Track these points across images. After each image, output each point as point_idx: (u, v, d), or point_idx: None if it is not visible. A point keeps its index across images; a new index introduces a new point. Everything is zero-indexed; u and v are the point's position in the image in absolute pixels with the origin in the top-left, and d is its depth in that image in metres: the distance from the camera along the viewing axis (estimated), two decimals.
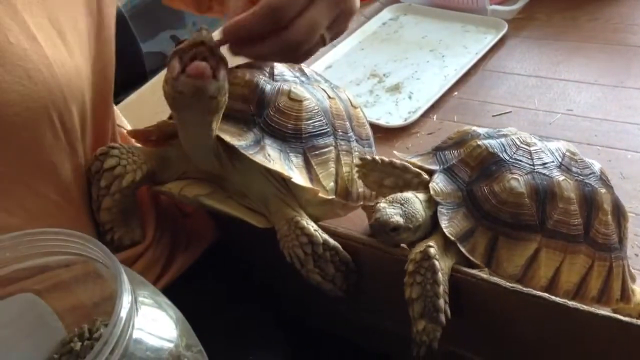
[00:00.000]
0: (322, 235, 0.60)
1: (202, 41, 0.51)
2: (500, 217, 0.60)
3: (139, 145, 0.68)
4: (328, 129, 0.66)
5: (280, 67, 0.68)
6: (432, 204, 0.62)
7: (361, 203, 0.68)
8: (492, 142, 0.64)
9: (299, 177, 0.61)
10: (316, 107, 0.66)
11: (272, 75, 0.66)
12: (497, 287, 0.55)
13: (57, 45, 0.58)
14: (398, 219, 0.59)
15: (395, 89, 1.18)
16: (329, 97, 0.68)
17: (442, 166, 0.64)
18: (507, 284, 0.56)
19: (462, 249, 0.59)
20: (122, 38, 1.18)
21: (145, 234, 0.68)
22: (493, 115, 1.07)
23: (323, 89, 0.69)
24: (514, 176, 0.60)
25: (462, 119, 1.08)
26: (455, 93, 1.13)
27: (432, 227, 0.63)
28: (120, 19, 1.11)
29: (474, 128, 0.69)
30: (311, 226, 0.60)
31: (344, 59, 1.28)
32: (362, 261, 0.63)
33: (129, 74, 1.10)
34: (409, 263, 0.57)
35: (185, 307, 0.48)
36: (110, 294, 0.52)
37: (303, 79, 0.69)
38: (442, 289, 0.55)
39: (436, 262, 0.56)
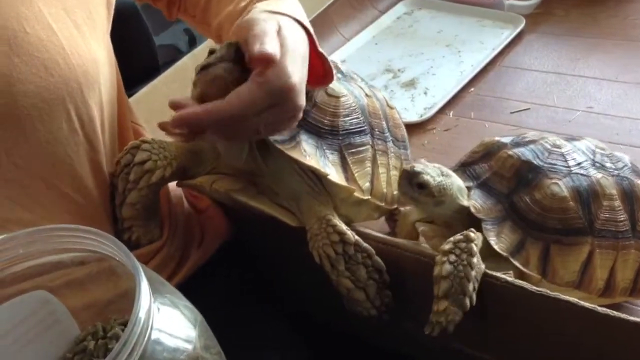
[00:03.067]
0: (354, 235, 0.59)
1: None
2: (548, 224, 0.58)
3: (168, 139, 0.67)
4: (365, 127, 0.64)
5: None
6: (464, 207, 0.61)
7: (395, 206, 0.67)
8: (523, 150, 0.63)
9: (335, 175, 0.60)
10: (354, 104, 0.64)
11: None
12: (523, 291, 0.54)
13: (74, 36, 0.56)
14: (430, 178, 0.58)
15: (411, 84, 1.16)
16: (366, 94, 0.67)
17: (475, 181, 0.63)
18: (533, 287, 0.54)
19: (516, 263, 0.57)
20: (135, 30, 1.17)
21: (162, 232, 0.67)
22: (511, 112, 1.05)
23: (360, 87, 0.67)
24: (553, 181, 0.59)
25: (478, 115, 1.06)
26: (472, 89, 1.11)
27: (459, 225, 0.61)
28: (133, 12, 1.10)
29: (498, 138, 0.67)
30: (343, 225, 0.59)
31: (357, 54, 1.26)
32: (401, 268, 0.61)
33: (141, 66, 1.09)
34: (446, 243, 0.56)
35: (197, 304, 0.47)
36: (125, 291, 0.50)
37: (339, 75, 0.67)
38: (474, 274, 0.54)
39: (474, 246, 0.55)
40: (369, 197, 0.62)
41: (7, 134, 0.53)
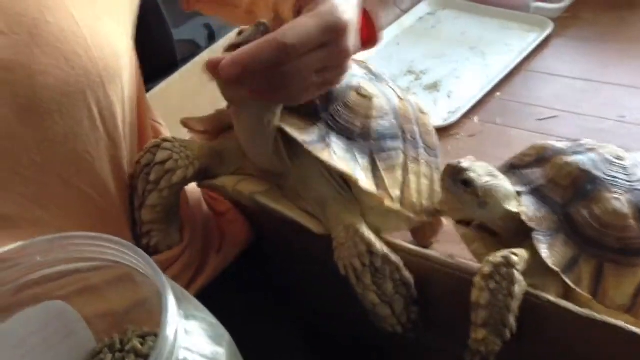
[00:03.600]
0: (383, 247, 0.55)
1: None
2: (605, 242, 0.54)
3: (190, 138, 0.64)
4: (397, 132, 0.60)
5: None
6: (516, 204, 0.57)
7: (424, 217, 0.63)
8: (582, 158, 0.58)
9: (365, 181, 0.56)
10: (386, 107, 0.60)
11: None
12: (568, 313, 0.50)
13: (96, 27, 0.53)
14: (476, 177, 0.54)
15: (434, 87, 1.12)
16: (399, 97, 0.63)
17: (526, 187, 0.59)
18: (579, 309, 0.51)
19: (568, 281, 0.53)
20: (153, 24, 1.14)
21: (182, 236, 0.63)
22: (538, 119, 1.01)
23: (392, 89, 0.64)
24: (615, 196, 0.55)
25: (505, 121, 1.03)
26: (498, 94, 1.08)
27: (508, 235, 0.58)
28: (152, 4, 1.07)
29: (552, 143, 0.63)
30: (372, 235, 0.55)
31: (378, 54, 1.23)
32: (431, 282, 0.58)
33: (158, 61, 1.05)
34: (486, 264, 0.52)
35: (215, 313, 0.44)
36: (143, 299, 0.48)
37: (371, 76, 0.64)
38: (516, 303, 0.50)
39: (516, 273, 0.51)
40: (399, 206, 0.59)
41: (26, 130, 0.50)
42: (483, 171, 0.55)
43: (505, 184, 0.57)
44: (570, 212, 0.57)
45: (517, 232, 0.58)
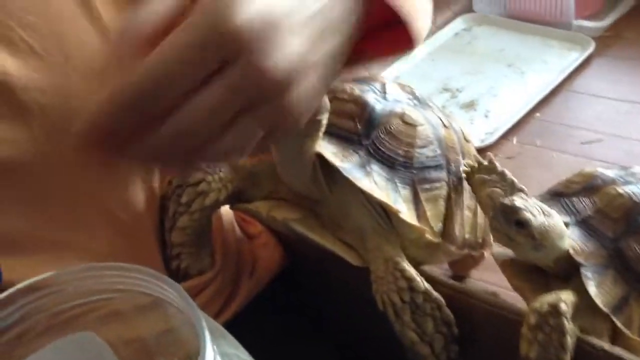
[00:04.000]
0: (424, 284, 0.52)
1: None
2: None
3: None
4: (441, 162, 0.58)
5: (392, 86, 0.60)
6: (567, 242, 0.54)
7: (466, 251, 0.60)
8: (635, 189, 0.55)
9: (406, 213, 0.54)
10: (431, 135, 0.58)
11: (383, 93, 0.59)
12: None
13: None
14: (532, 218, 0.50)
15: (470, 105, 1.09)
16: (444, 125, 0.60)
17: (573, 218, 0.55)
18: (632, 356, 0.47)
19: (618, 323, 0.50)
20: None
21: (213, 261, 0.61)
22: (582, 143, 0.98)
23: (437, 116, 0.61)
24: None
25: (545, 143, 0.99)
26: (537, 114, 1.05)
27: (554, 271, 0.54)
28: None
29: (601, 170, 0.59)
30: (413, 270, 0.53)
31: (412, 70, 1.20)
32: (473, 320, 0.55)
33: None
34: (531, 313, 0.49)
35: (248, 335, 0.41)
36: (172, 326, 0.45)
37: (416, 101, 0.61)
38: (568, 355, 0.47)
39: (565, 323, 0.47)
40: (441, 240, 0.56)
41: (56, 150, 0.48)
42: (537, 210, 0.52)
43: (560, 222, 0.53)
44: (621, 247, 0.53)
45: (565, 267, 0.54)
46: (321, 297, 0.68)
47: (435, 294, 0.53)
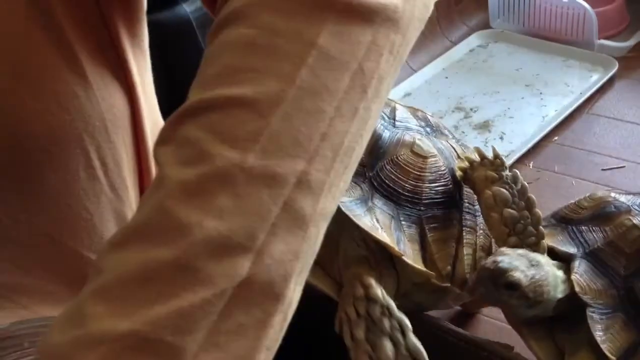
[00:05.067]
0: (385, 295, 0.46)
1: None
2: None
3: None
4: (453, 197, 0.52)
5: (403, 110, 0.55)
6: (565, 287, 0.48)
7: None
8: None
9: (411, 255, 0.48)
10: (443, 168, 0.52)
11: (392, 120, 0.54)
12: None
13: (99, 59, 0.46)
14: (521, 277, 0.45)
15: (484, 126, 1.04)
16: (458, 156, 0.55)
17: (581, 249, 0.49)
18: None
19: None
20: (186, 49, 1.08)
21: None
22: (603, 169, 0.92)
23: (451, 146, 0.56)
24: None
25: (564, 169, 0.93)
26: (556, 138, 0.99)
27: (556, 317, 0.49)
28: (187, 26, 1.01)
29: (614, 195, 0.53)
30: (379, 288, 0.46)
31: (425, 87, 1.15)
32: None
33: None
34: None
35: None
36: None
37: (428, 129, 0.56)
38: None
39: None
40: (448, 284, 0.50)
41: (8, 184, 0.43)
42: (524, 264, 0.46)
43: (551, 269, 0.47)
44: (634, 287, 0.48)
45: (567, 306, 0.48)
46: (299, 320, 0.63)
47: (399, 313, 0.45)
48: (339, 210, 0.49)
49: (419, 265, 0.49)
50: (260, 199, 0.29)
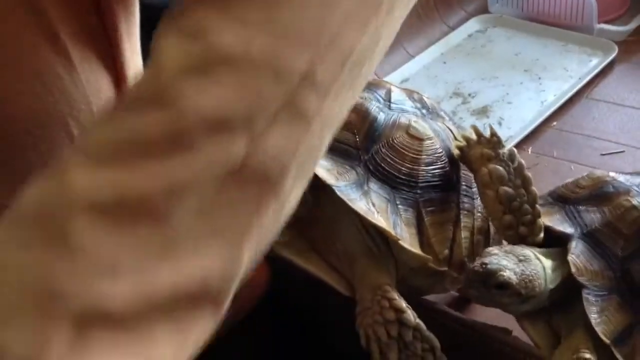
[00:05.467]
0: (415, 317, 0.46)
1: None
2: None
3: None
4: (450, 180, 0.52)
5: (399, 92, 0.54)
6: (558, 274, 0.48)
7: None
8: None
9: (407, 239, 0.47)
10: (440, 150, 0.52)
11: (388, 102, 0.53)
12: None
13: (84, 39, 0.45)
14: (511, 275, 0.44)
15: (483, 112, 1.03)
16: (455, 138, 0.54)
17: (578, 229, 0.49)
18: None
19: (618, 355, 0.44)
20: None
21: None
22: (602, 154, 0.91)
23: (449, 128, 0.55)
24: None
25: (562, 154, 0.92)
26: (554, 123, 0.98)
27: (552, 301, 0.48)
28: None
29: (613, 175, 0.53)
30: (403, 301, 0.46)
31: (423, 72, 1.14)
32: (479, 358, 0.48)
33: None
34: None
35: None
36: None
37: (424, 111, 0.55)
38: None
39: None
40: (446, 268, 0.50)
41: None
42: (512, 261, 0.45)
43: (541, 261, 0.47)
44: (630, 270, 0.47)
45: (564, 284, 0.48)
46: (307, 328, 0.62)
47: (428, 332, 0.46)
48: (334, 194, 0.48)
49: (416, 250, 0.48)
50: (263, 85, 0.29)
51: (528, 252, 0.47)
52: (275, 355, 0.61)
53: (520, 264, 0.45)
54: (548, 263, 0.48)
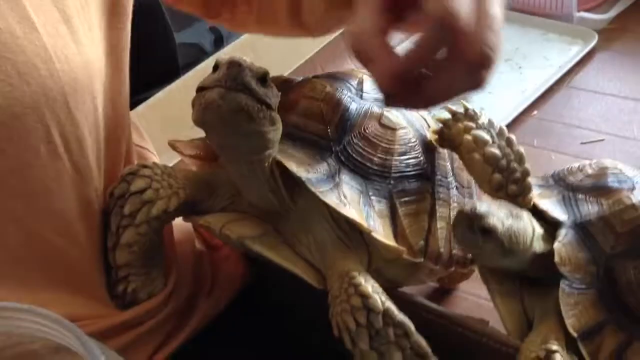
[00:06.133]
0: (384, 301, 0.45)
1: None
2: None
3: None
4: (425, 170, 0.51)
5: (370, 82, 0.53)
6: (543, 247, 0.47)
7: (452, 269, 0.53)
8: None
9: (381, 231, 0.46)
10: (413, 140, 0.51)
11: (360, 92, 0.52)
12: None
13: (61, 32, 0.44)
14: (497, 223, 0.44)
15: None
16: (429, 127, 0.53)
17: (572, 218, 0.48)
18: None
19: (583, 351, 0.44)
20: (153, 26, 1.05)
21: (166, 281, 0.54)
22: (582, 143, 0.91)
23: (422, 117, 0.54)
24: None
25: (543, 143, 0.92)
26: (535, 112, 0.98)
27: (530, 277, 0.48)
28: (154, 4, 0.98)
29: (620, 167, 0.51)
30: (370, 285, 0.45)
31: None
32: (458, 351, 0.48)
33: (158, 68, 0.96)
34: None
35: None
36: None
37: None
38: None
39: None
40: (422, 259, 0.49)
41: None
42: (504, 213, 0.45)
43: (533, 224, 0.46)
44: (615, 268, 0.46)
45: (542, 270, 0.47)
46: (283, 322, 0.61)
47: (400, 316, 0.44)
48: (305, 187, 0.47)
49: (390, 241, 0.47)
50: None
51: (523, 212, 0.46)
52: (253, 352, 0.60)
53: (510, 217, 0.45)
54: (539, 230, 0.47)
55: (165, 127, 0.71)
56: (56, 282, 0.47)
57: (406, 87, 0.42)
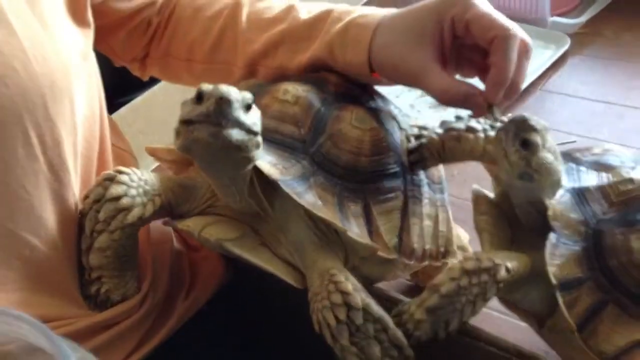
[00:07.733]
0: (364, 298, 0.46)
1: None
2: (624, 281, 0.47)
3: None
4: (397, 169, 0.52)
5: (343, 84, 0.54)
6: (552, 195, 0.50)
7: (426, 263, 0.54)
8: None
9: (355, 229, 0.48)
10: (385, 140, 0.52)
11: (332, 94, 0.53)
12: None
13: (38, 34, 0.45)
14: (541, 143, 0.47)
15: (440, 105, 1.03)
16: (401, 128, 0.55)
17: (572, 184, 0.50)
18: None
19: (559, 299, 0.46)
20: None
21: (140, 283, 0.54)
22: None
23: (394, 117, 0.55)
24: None
25: None
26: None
27: (528, 219, 0.50)
28: None
29: (624, 151, 0.54)
30: (350, 283, 0.46)
31: None
32: (435, 349, 0.49)
33: None
34: (473, 260, 0.47)
35: None
36: None
37: (371, 102, 0.55)
38: (471, 315, 0.47)
39: (493, 289, 0.46)
40: (396, 255, 0.50)
41: None
42: (550, 145, 0.47)
43: (560, 173, 0.48)
44: (604, 230, 0.48)
45: (535, 224, 0.50)
46: (263, 320, 0.62)
47: (379, 311, 0.46)
48: (280, 189, 0.48)
49: (365, 240, 0.48)
50: None
51: (562, 162, 0.49)
52: (230, 350, 0.61)
53: (552, 153, 0.47)
54: (561, 182, 0.50)
55: (147, 130, 0.72)
56: (31, 282, 0.47)
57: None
